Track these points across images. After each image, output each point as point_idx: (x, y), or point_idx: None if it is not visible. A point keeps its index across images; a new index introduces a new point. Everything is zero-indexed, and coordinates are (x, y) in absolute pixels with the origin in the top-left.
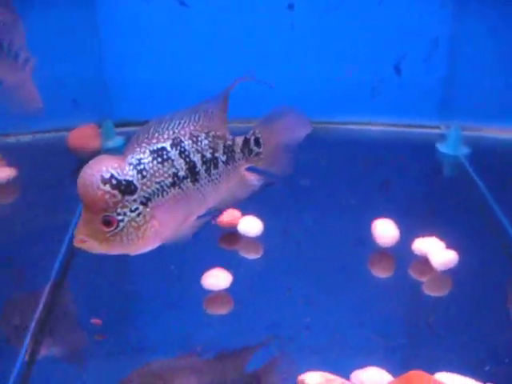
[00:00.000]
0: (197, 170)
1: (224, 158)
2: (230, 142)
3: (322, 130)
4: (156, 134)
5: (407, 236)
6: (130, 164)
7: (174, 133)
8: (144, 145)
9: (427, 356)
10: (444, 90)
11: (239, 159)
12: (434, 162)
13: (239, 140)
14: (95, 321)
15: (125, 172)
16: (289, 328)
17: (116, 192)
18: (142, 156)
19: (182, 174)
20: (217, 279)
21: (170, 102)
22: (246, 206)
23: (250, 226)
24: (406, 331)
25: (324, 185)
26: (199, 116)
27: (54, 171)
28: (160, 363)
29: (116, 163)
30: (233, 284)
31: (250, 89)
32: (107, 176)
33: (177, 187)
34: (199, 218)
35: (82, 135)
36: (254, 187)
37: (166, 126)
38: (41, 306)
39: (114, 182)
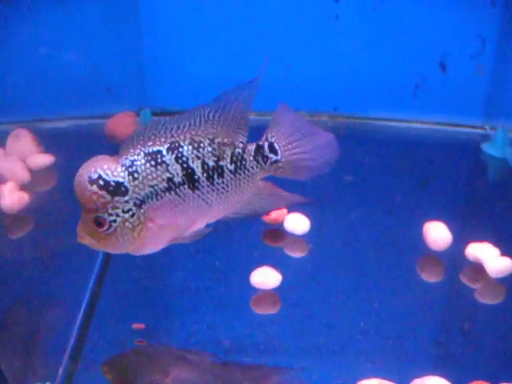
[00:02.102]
0: (196, 177)
1: (232, 167)
2: (239, 150)
3: (364, 127)
4: (153, 137)
5: (458, 240)
6: (123, 165)
7: (172, 136)
8: (139, 147)
9: (485, 366)
10: (490, 89)
11: (252, 168)
12: (479, 164)
13: (250, 147)
14: (137, 325)
15: (115, 173)
16: (342, 332)
17: (104, 193)
18: (135, 158)
19: (178, 179)
20: (266, 278)
21: (206, 91)
22: None
23: (297, 223)
24: (461, 339)
25: (368, 182)
26: (200, 121)
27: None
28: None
29: (107, 164)
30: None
31: (287, 81)
32: (94, 177)
33: (173, 192)
34: (208, 225)
35: (121, 123)
36: (285, 205)
37: (165, 128)
38: (84, 302)
39: (101, 182)
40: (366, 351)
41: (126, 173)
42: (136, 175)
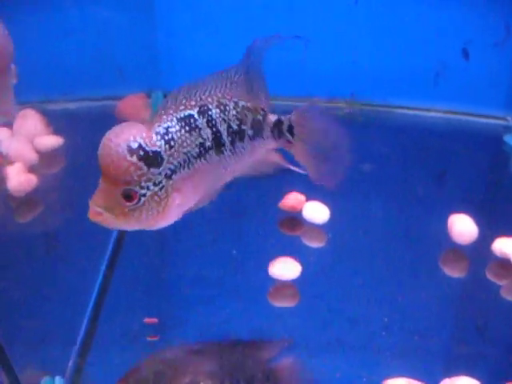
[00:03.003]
0: (222, 141)
1: (251, 133)
2: (260, 117)
3: (381, 114)
4: (184, 101)
5: (484, 234)
6: (157, 133)
7: (201, 99)
8: (171, 112)
9: None
10: None
11: (267, 138)
12: (502, 156)
13: (272, 118)
14: (149, 320)
15: (152, 142)
16: (365, 327)
17: (142, 164)
18: (169, 124)
19: (208, 144)
20: (286, 269)
21: None
22: (310, 190)
23: (316, 212)
24: (489, 338)
25: (388, 172)
26: (226, 82)
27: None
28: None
29: (144, 132)
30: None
31: (304, 65)
32: (135, 146)
33: (202, 158)
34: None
35: (132, 105)
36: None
37: (194, 92)
38: (94, 290)
39: (141, 153)
40: (391, 348)
41: (163, 141)
42: (172, 143)
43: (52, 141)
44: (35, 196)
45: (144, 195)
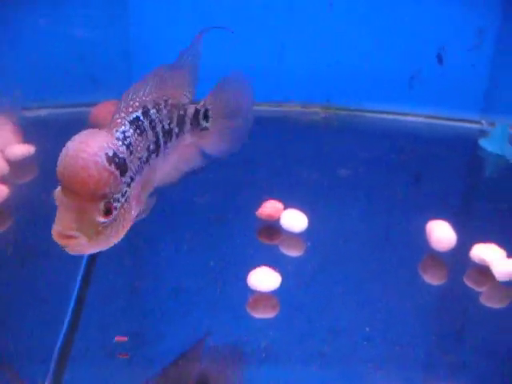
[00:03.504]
0: (159, 142)
1: (177, 130)
2: (182, 112)
3: (357, 119)
4: (131, 102)
5: (462, 241)
6: (118, 139)
7: (143, 100)
8: (123, 115)
9: (495, 373)
10: (488, 83)
11: (187, 132)
12: (477, 160)
13: (191, 110)
14: (120, 338)
15: (120, 149)
16: (346, 338)
17: (118, 173)
18: (124, 128)
19: (152, 147)
20: (265, 279)
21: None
22: (288, 197)
23: (295, 220)
24: (470, 346)
25: (364, 177)
26: (158, 81)
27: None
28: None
29: (112, 139)
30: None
31: (279, 71)
32: (111, 153)
33: (147, 163)
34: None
35: (106, 111)
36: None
37: (138, 92)
38: (69, 306)
39: (116, 160)
40: (373, 359)
41: (124, 147)
42: (131, 148)
43: (23, 150)
44: (6, 208)
45: (116, 208)
